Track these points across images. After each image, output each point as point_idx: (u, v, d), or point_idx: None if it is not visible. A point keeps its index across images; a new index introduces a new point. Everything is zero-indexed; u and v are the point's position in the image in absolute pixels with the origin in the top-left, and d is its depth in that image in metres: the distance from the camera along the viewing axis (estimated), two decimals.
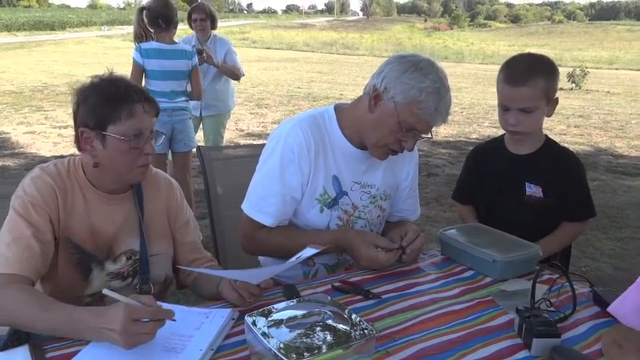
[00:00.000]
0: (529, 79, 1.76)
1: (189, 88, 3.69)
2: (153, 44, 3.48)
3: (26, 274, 1.26)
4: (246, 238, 1.69)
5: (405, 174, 1.81)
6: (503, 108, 1.83)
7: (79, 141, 1.38)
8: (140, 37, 3.52)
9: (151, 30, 3.50)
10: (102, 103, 1.34)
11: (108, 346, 1.10)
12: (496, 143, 2.02)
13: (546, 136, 1.94)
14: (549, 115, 1.87)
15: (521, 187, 1.89)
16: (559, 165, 1.88)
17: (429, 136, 1.57)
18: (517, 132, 1.84)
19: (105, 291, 1.16)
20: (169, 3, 3.55)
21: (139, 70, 3.47)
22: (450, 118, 1.55)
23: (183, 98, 3.64)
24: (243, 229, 1.69)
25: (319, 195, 1.64)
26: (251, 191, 1.67)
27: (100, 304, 1.39)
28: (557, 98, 1.86)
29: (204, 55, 3.98)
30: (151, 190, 1.53)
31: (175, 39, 3.66)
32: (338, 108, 1.69)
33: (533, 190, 1.88)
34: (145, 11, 3.48)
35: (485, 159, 2.03)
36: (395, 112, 1.50)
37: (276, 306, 1.05)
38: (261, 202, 1.63)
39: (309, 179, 1.62)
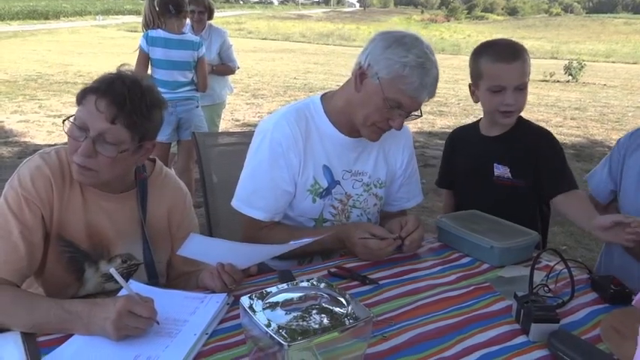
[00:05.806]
0: (518, 54, 1.74)
1: (195, 79, 3.67)
2: (160, 32, 3.46)
3: (8, 277, 1.21)
4: (248, 238, 1.61)
5: (400, 162, 1.78)
6: (496, 90, 1.75)
7: None
8: (149, 23, 3.50)
9: (161, 17, 3.48)
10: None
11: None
12: (471, 127, 2.02)
13: (520, 116, 1.89)
14: None
15: (491, 168, 1.87)
16: (529, 143, 1.82)
17: (418, 113, 1.53)
18: (512, 112, 1.78)
19: (112, 271, 1.15)
20: None
21: (144, 56, 3.46)
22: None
23: (188, 88, 3.62)
24: (244, 230, 1.66)
25: (310, 186, 1.62)
26: (240, 187, 1.65)
27: None
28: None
29: None
30: (156, 191, 1.43)
31: None
32: (324, 97, 1.67)
33: (501, 170, 1.85)
34: None
35: (459, 143, 2.03)
36: (380, 89, 1.46)
37: (271, 289, 1.03)
38: (252, 197, 1.61)
39: (299, 171, 1.60)
